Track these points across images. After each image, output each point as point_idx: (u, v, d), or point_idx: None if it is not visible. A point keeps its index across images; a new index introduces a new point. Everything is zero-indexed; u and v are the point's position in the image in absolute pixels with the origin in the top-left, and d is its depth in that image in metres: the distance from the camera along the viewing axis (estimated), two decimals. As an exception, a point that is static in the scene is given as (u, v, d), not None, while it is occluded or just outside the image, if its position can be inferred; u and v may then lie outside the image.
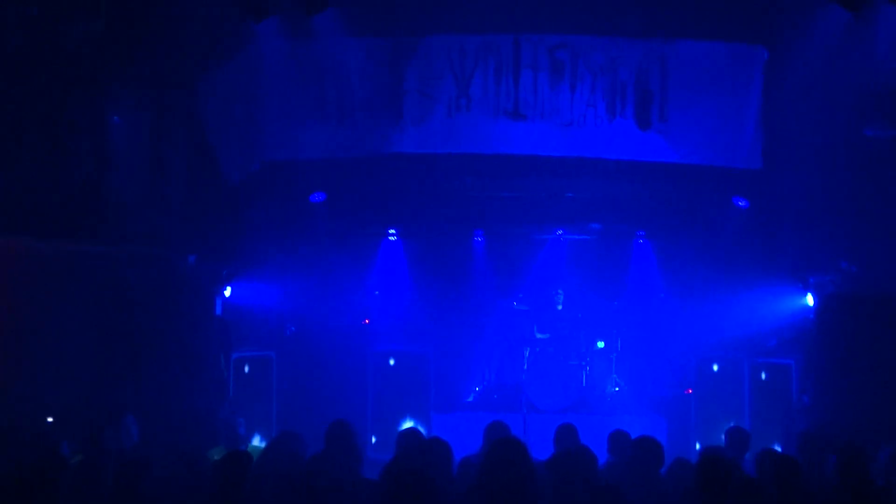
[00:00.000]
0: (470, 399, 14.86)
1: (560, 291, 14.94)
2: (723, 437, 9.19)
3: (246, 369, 13.08)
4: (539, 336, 14.71)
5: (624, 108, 12.34)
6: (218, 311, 12.42)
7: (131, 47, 11.61)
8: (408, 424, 13.01)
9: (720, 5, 11.90)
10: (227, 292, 12.58)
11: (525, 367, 14.25)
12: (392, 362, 14.19)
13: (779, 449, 10.64)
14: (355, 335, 14.78)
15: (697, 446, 12.79)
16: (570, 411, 13.29)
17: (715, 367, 13.66)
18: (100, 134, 11.63)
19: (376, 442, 13.83)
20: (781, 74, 11.97)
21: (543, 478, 7.03)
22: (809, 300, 12.19)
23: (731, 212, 13.41)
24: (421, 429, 10.74)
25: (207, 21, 11.82)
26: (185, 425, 10.96)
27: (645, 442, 7.69)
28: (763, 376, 12.91)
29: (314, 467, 7.66)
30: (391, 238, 15.39)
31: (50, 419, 10.86)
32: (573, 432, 8.54)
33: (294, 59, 12.37)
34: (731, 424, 10.87)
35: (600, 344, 14.78)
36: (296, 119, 12.54)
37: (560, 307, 14.86)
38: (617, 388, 14.53)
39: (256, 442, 12.00)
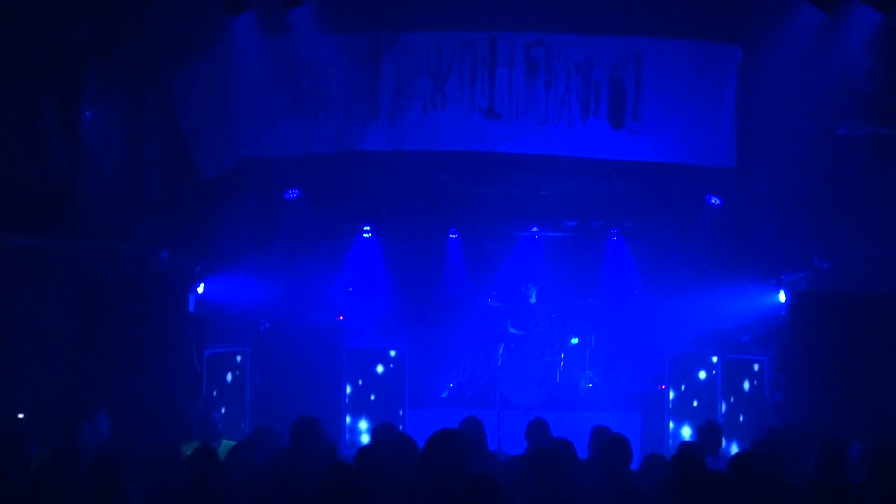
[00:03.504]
0: (444, 395, 14.87)
1: (532, 286, 14.96)
2: (695, 433, 9.26)
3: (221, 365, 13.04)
4: (513, 332, 14.74)
5: (598, 108, 12.39)
6: (191, 307, 12.35)
7: (106, 41, 11.54)
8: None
9: (695, 4, 11.97)
10: (201, 288, 12.52)
11: (499, 363, 14.28)
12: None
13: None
14: (330, 331, 14.75)
15: (671, 442, 12.88)
16: (543, 407, 13.32)
17: (688, 363, 13.73)
18: (73, 129, 11.55)
19: (351, 437, 13.80)
20: (756, 73, 12.06)
21: (520, 472, 7.10)
22: (782, 297, 12.27)
23: (704, 209, 13.48)
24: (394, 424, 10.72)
25: (183, 15, 11.79)
26: (157, 421, 10.91)
27: (606, 438, 7.76)
28: (735, 373, 12.98)
29: (280, 462, 7.68)
30: (366, 235, 15.38)
31: (21, 416, 10.78)
32: (544, 427, 8.58)
33: (270, 54, 12.35)
34: (703, 421, 10.95)
35: (574, 340, 14.82)
36: (271, 115, 12.51)
37: (533, 300, 14.89)
38: (591, 384, 14.58)
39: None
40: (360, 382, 14.09)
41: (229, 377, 12.96)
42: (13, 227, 10.85)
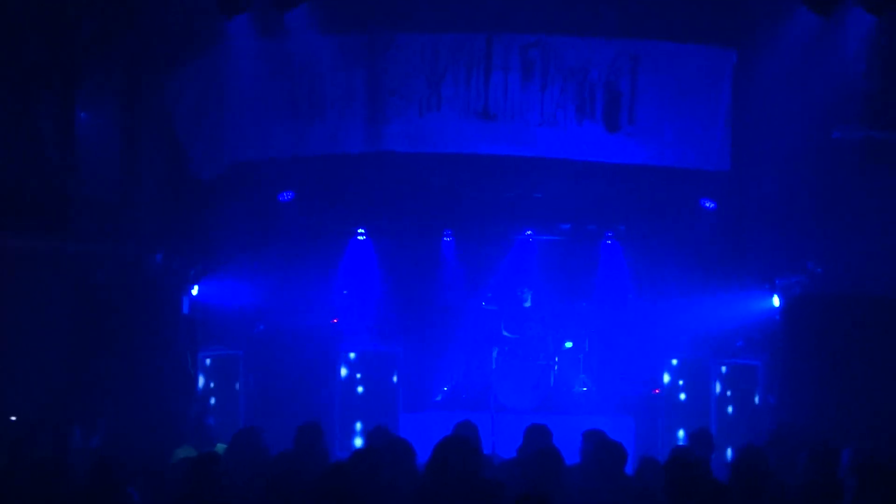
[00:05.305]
0: (438, 398, 14.86)
1: (527, 290, 14.95)
2: (687, 438, 9.28)
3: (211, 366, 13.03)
4: (507, 336, 14.73)
5: (593, 111, 12.40)
6: (185, 309, 12.35)
7: (101, 42, 11.52)
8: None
9: (691, 8, 11.98)
10: (195, 291, 12.51)
11: (493, 366, 14.26)
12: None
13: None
14: (324, 334, 14.73)
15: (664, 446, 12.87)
16: (538, 411, 13.31)
17: (682, 368, 13.73)
18: (67, 130, 11.53)
19: (343, 442, 13.79)
20: (750, 77, 12.07)
21: (512, 476, 7.09)
22: (776, 301, 12.29)
23: (699, 213, 13.49)
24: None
25: (179, 16, 11.77)
26: (151, 424, 10.89)
27: (598, 442, 7.77)
28: (729, 377, 12.99)
29: (281, 465, 7.68)
30: (360, 237, 15.36)
31: (13, 418, 10.76)
32: (545, 433, 8.55)
33: (265, 56, 12.34)
34: (696, 427, 10.97)
35: (568, 344, 14.82)
36: (266, 117, 12.50)
37: (528, 304, 14.88)
38: (585, 388, 14.58)
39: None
40: (354, 385, 14.10)
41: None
42: (7, 228, 10.82)
